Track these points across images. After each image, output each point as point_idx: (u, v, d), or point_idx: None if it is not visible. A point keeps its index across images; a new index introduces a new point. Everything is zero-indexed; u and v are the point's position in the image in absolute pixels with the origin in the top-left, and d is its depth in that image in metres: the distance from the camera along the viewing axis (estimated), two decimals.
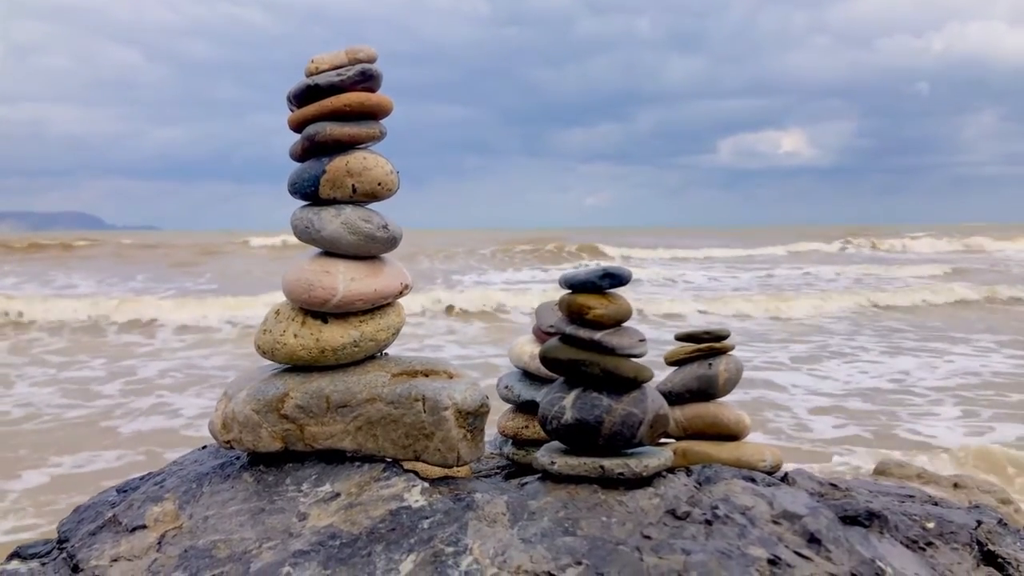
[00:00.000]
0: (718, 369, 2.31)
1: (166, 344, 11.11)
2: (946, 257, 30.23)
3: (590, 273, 1.98)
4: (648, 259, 29.25)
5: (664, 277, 22.29)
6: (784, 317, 13.89)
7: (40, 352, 10.37)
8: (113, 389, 8.09)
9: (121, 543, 1.91)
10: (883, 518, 1.95)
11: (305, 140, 2.04)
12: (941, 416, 6.99)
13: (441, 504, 1.87)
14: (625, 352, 1.96)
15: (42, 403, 7.49)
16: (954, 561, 1.96)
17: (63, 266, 23.08)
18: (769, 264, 27.23)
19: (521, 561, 1.68)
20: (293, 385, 2.03)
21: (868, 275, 22.62)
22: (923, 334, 11.74)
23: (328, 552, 1.75)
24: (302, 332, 2.04)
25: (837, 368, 9.18)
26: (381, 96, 2.06)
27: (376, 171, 2.04)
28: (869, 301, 15.45)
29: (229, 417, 2.04)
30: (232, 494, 1.99)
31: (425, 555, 1.72)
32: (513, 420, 2.38)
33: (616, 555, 1.68)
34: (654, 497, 1.88)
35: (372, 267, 2.08)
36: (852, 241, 37.63)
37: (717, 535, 1.76)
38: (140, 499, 2.05)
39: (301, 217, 2.07)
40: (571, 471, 1.94)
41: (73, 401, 7.55)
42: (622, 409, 1.94)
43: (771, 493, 1.93)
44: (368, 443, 2.02)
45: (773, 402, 7.37)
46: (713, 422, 2.30)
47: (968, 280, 19.49)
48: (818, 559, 1.72)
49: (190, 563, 1.78)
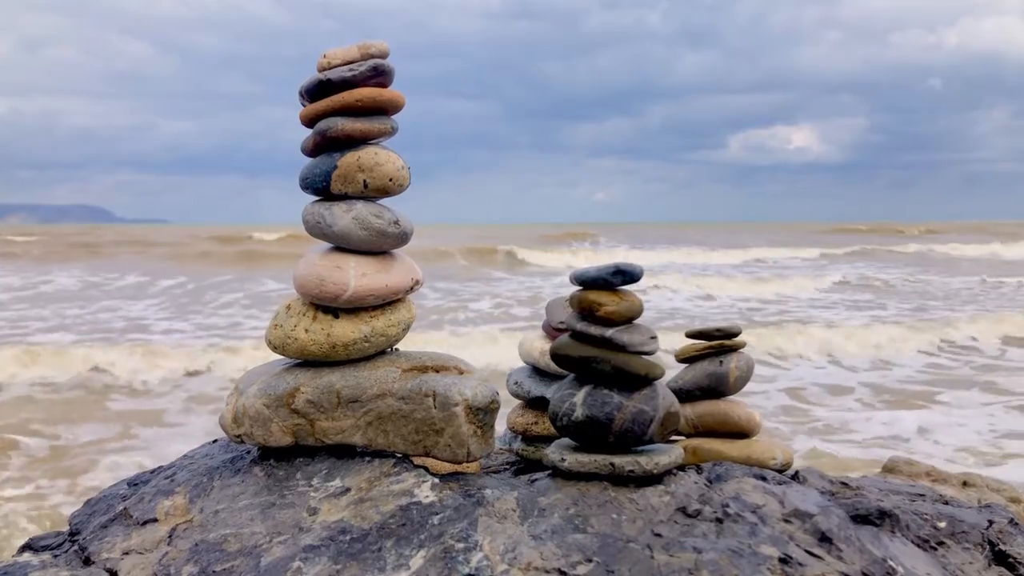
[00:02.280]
0: (729, 367, 2.30)
1: None
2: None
3: (601, 270, 1.97)
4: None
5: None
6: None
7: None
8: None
9: (132, 536, 1.92)
10: (894, 517, 1.94)
11: (317, 135, 2.04)
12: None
13: (451, 500, 1.87)
14: (636, 349, 1.95)
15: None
16: (965, 561, 1.95)
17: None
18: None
19: (531, 558, 1.67)
20: (304, 380, 2.03)
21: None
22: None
23: (338, 547, 1.76)
24: (313, 327, 2.04)
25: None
26: (393, 92, 2.06)
27: (388, 167, 2.03)
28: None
29: (240, 411, 2.05)
30: (243, 488, 1.99)
31: (435, 551, 1.73)
32: (523, 416, 2.38)
33: (627, 553, 1.68)
34: (665, 495, 1.88)
35: (383, 262, 2.08)
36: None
37: (728, 533, 1.75)
38: (151, 492, 2.05)
39: (312, 212, 2.07)
40: (581, 468, 1.94)
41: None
42: (633, 406, 1.93)
43: (782, 491, 1.93)
44: (378, 438, 2.02)
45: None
46: (724, 419, 2.29)
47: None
48: (829, 558, 1.71)
49: (201, 557, 1.79)
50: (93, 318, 13.93)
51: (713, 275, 22.14)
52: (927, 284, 21.24)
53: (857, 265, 26.65)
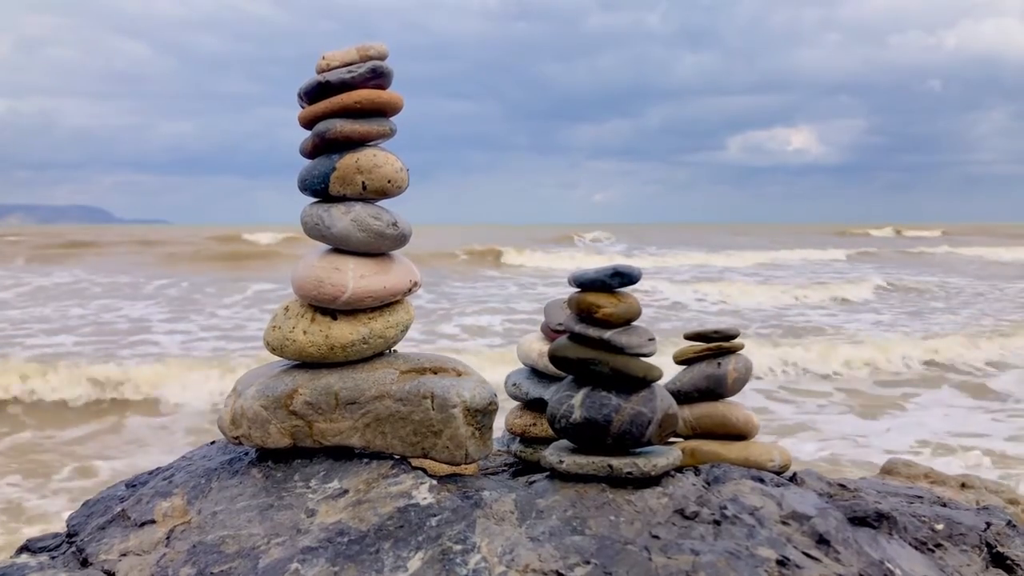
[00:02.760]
0: (727, 369, 2.30)
1: None
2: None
3: (599, 272, 1.97)
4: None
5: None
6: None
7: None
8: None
9: (130, 538, 1.92)
10: (892, 519, 1.94)
11: (316, 137, 2.04)
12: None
13: (449, 502, 1.87)
14: (634, 351, 1.96)
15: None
16: (963, 563, 1.95)
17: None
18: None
19: (529, 560, 1.67)
20: (302, 381, 2.03)
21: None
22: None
23: (336, 549, 1.76)
24: (311, 329, 2.04)
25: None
26: (392, 93, 2.06)
27: (386, 168, 2.03)
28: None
29: (238, 413, 2.05)
30: (241, 490, 1.99)
31: (433, 553, 1.73)
32: (521, 418, 2.38)
33: (624, 554, 1.68)
34: (663, 496, 1.88)
35: (381, 264, 2.08)
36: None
37: (726, 535, 1.75)
38: (149, 494, 2.05)
39: (311, 214, 2.07)
40: (579, 470, 1.94)
41: None
42: (631, 408, 1.93)
43: (780, 493, 1.93)
44: (376, 440, 2.02)
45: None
46: (722, 421, 2.29)
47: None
48: (827, 560, 1.71)
49: (199, 558, 1.79)
50: (96, 318, 13.66)
51: (757, 281, 20.33)
52: (973, 286, 19.63)
53: (887, 269, 25.03)
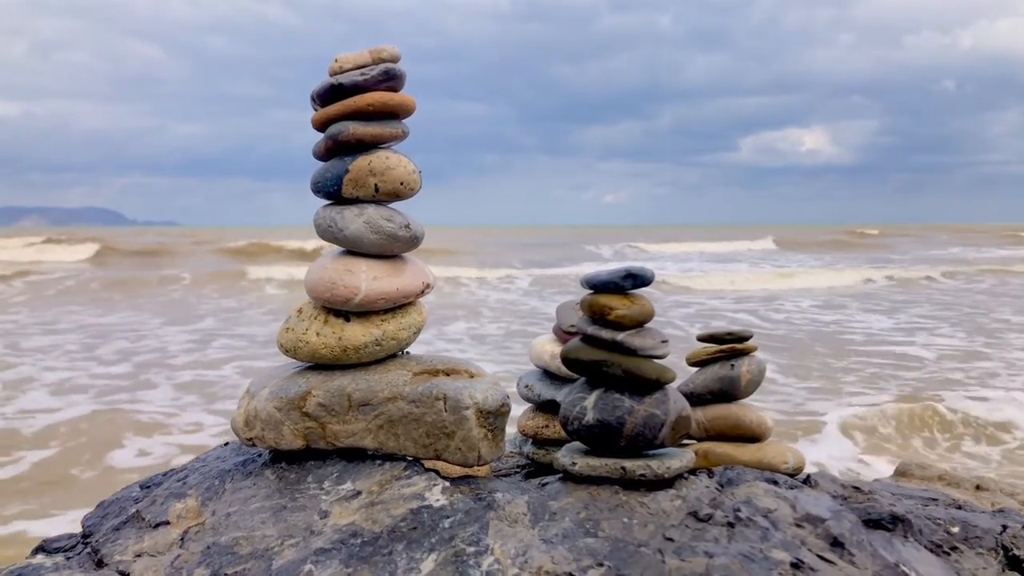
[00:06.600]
0: (740, 370, 2.30)
1: None
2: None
3: (612, 273, 1.97)
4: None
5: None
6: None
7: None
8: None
9: (144, 539, 1.93)
10: (907, 522, 1.93)
11: (328, 139, 2.05)
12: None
13: (462, 503, 1.87)
14: (647, 353, 1.95)
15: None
16: (979, 566, 1.94)
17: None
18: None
19: (542, 562, 1.67)
20: (315, 383, 2.04)
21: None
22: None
23: (349, 550, 1.76)
24: (324, 331, 2.05)
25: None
26: (404, 96, 2.06)
27: (399, 170, 2.04)
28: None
29: (251, 415, 2.06)
30: (254, 491, 2.00)
31: (446, 554, 1.73)
32: (533, 419, 2.38)
33: (638, 557, 1.68)
34: (676, 499, 1.88)
35: (394, 266, 2.09)
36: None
37: (739, 538, 1.75)
38: (163, 495, 2.06)
39: (324, 216, 2.08)
40: (592, 472, 1.93)
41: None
42: (644, 410, 1.93)
43: (794, 496, 1.92)
44: (389, 442, 2.03)
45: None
46: (735, 423, 2.29)
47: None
48: (841, 563, 1.71)
49: (212, 560, 1.79)
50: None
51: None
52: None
53: (980, 281, 21.45)
